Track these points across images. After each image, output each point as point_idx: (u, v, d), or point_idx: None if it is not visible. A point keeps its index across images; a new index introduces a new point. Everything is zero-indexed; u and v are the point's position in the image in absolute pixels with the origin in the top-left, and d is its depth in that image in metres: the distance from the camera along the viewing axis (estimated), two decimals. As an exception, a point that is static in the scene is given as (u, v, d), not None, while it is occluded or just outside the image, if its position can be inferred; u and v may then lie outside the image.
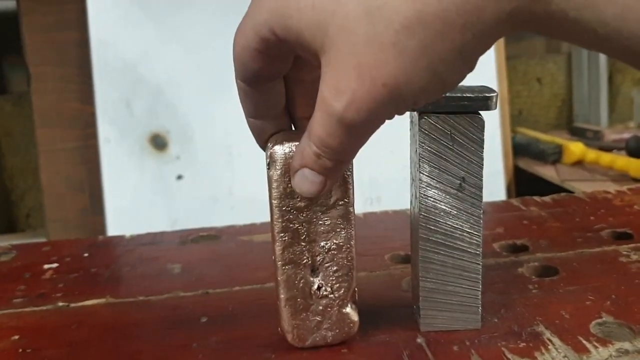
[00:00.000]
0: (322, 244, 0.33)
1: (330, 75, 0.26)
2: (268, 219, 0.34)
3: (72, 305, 0.41)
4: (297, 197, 0.32)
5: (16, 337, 0.37)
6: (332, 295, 0.33)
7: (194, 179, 1.22)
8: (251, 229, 0.54)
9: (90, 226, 1.22)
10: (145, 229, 0.59)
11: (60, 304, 0.42)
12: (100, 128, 1.20)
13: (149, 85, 1.21)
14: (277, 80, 0.32)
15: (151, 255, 0.50)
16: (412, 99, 0.26)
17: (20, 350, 0.36)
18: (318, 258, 0.33)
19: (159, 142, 1.21)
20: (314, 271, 0.33)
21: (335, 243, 0.33)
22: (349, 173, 0.32)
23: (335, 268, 0.33)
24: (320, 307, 0.33)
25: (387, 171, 1.22)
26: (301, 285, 0.33)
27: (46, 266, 0.48)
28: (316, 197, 0.31)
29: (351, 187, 0.33)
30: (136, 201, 1.20)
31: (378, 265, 0.45)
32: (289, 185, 0.31)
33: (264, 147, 0.33)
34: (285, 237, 0.33)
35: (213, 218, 1.13)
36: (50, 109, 1.21)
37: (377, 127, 0.28)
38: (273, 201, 0.32)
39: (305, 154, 0.29)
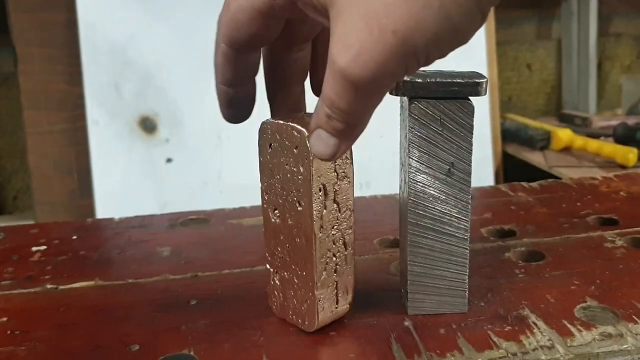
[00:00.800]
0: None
1: (338, 29, 0.25)
2: (257, 202, 0.34)
3: (61, 287, 0.41)
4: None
5: (4, 319, 0.37)
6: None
7: (183, 162, 1.21)
8: (240, 212, 0.54)
9: (78, 209, 1.21)
10: (134, 212, 0.59)
11: (49, 286, 0.42)
12: (89, 110, 1.19)
13: (137, 67, 1.20)
14: (259, 48, 0.31)
15: (140, 239, 0.50)
16: (424, 49, 0.24)
17: (9, 332, 0.36)
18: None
19: (148, 125, 1.20)
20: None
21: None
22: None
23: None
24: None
25: (376, 156, 1.22)
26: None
27: (34, 248, 0.48)
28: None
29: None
30: (125, 184, 1.19)
31: (367, 249, 0.45)
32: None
33: (228, 117, 0.33)
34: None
35: (202, 201, 1.13)
36: (38, 91, 1.20)
37: (388, 85, 0.26)
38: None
39: (319, 115, 0.27)
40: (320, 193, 0.32)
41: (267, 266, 0.36)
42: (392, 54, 0.24)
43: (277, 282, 0.35)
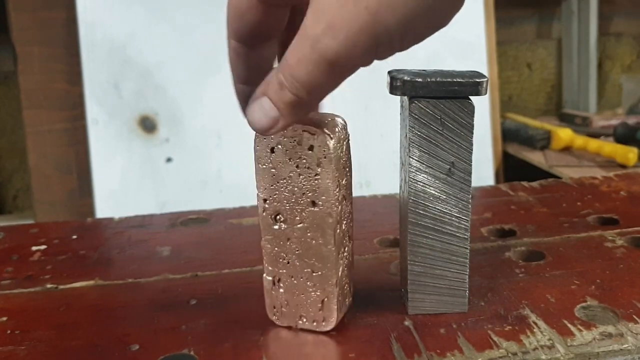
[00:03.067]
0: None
1: (315, 1, 0.25)
2: (257, 202, 0.34)
3: (61, 287, 0.41)
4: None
5: (4, 318, 0.37)
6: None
7: (183, 162, 1.21)
8: (240, 212, 0.54)
9: (78, 208, 1.21)
10: (134, 211, 0.58)
11: (49, 286, 0.42)
12: (89, 109, 1.19)
13: (137, 66, 1.19)
14: (271, 42, 0.30)
15: (140, 238, 0.50)
16: (397, 29, 0.24)
17: (9, 331, 0.36)
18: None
19: (147, 125, 1.20)
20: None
21: None
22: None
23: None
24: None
25: (376, 156, 1.22)
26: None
27: (34, 248, 0.48)
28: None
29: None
30: (125, 183, 1.19)
31: (367, 249, 0.45)
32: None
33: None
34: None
35: (202, 201, 1.13)
36: (38, 90, 1.20)
37: (355, 64, 0.25)
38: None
39: (270, 82, 0.27)
40: (337, 189, 0.32)
41: (267, 277, 0.35)
42: (364, 30, 0.24)
43: (281, 290, 0.34)
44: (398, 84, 0.32)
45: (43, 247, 0.48)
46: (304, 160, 0.31)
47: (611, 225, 0.48)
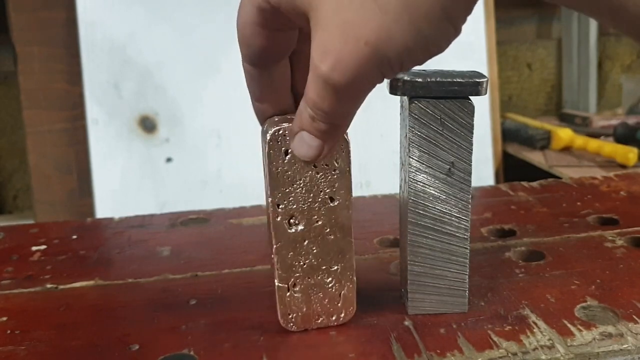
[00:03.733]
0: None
1: (317, 36, 0.26)
2: (257, 202, 0.34)
3: (61, 287, 0.41)
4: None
5: (4, 318, 0.37)
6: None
7: (183, 162, 1.21)
8: (240, 212, 0.54)
9: (78, 208, 1.21)
10: (134, 211, 0.58)
11: (49, 286, 0.42)
12: (89, 109, 1.19)
13: (137, 66, 1.19)
14: (283, 62, 0.31)
15: (140, 238, 0.50)
16: (397, 59, 0.26)
17: (9, 331, 0.36)
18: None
19: (147, 125, 1.20)
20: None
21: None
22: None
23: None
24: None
25: (376, 156, 1.22)
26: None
27: (34, 248, 0.48)
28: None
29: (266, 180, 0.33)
30: (125, 183, 1.19)
31: (367, 249, 0.45)
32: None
33: None
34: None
35: (202, 201, 1.13)
36: (37, 90, 1.20)
37: (366, 89, 0.27)
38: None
39: (302, 117, 0.29)
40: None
41: (280, 284, 0.34)
42: (366, 62, 0.25)
43: (296, 295, 0.34)
44: (398, 84, 0.32)
45: (43, 247, 0.48)
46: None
47: (611, 225, 0.48)
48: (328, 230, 0.33)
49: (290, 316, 0.34)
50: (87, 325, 0.36)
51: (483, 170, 1.33)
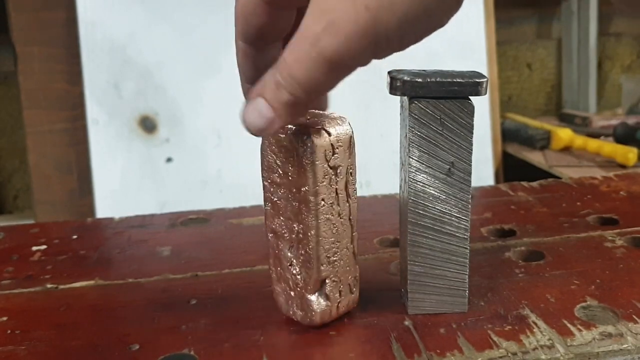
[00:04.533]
0: (293, 225, 0.33)
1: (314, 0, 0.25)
2: (257, 202, 0.34)
3: (61, 287, 0.41)
4: (275, 173, 0.32)
5: (4, 318, 0.37)
6: (298, 277, 0.33)
7: (183, 162, 1.21)
8: (240, 212, 0.54)
9: (78, 208, 1.21)
10: (134, 211, 0.58)
11: (49, 285, 0.42)
12: (89, 109, 1.19)
13: (137, 66, 1.20)
14: (276, 44, 0.31)
15: (140, 238, 0.50)
16: (396, 29, 0.24)
17: (9, 331, 0.36)
18: (293, 237, 0.33)
19: (148, 125, 1.20)
20: (290, 248, 0.33)
21: (301, 228, 0.32)
22: (309, 161, 0.31)
23: (302, 252, 0.33)
24: (292, 284, 0.34)
25: (376, 156, 1.22)
26: (281, 255, 0.34)
27: (34, 248, 0.48)
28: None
29: (312, 176, 0.31)
30: (125, 183, 1.19)
31: (367, 248, 0.45)
32: (267, 158, 0.32)
33: None
34: (267, 206, 0.34)
35: (202, 201, 1.13)
36: (38, 90, 1.20)
37: (350, 66, 0.26)
38: (261, 170, 0.33)
39: (266, 82, 0.27)
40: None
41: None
42: (364, 28, 0.24)
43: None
44: (398, 84, 0.32)
45: (43, 247, 0.48)
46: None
47: (611, 225, 0.48)
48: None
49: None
50: (87, 325, 0.36)
51: (483, 170, 1.33)
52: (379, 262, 0.43)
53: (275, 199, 0.33)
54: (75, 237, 0.50)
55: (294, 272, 0.34)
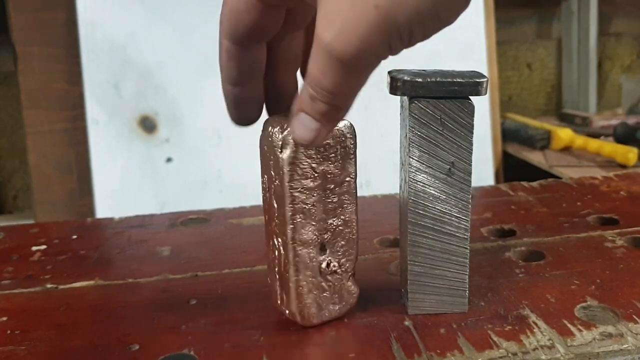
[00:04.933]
0: (329, 221, 0.33)
1: (323, 4, 0.25)
2: (257, 202, 0.34)
3: (61, 287, 0.41)
4: (309, 178, 0.32)
5: (4, 318, 0.37)
6: (339, 270, 0.34)
7: (183, 162, 1.21)
8: (240, 212, 0.54)
9: (78, 208, 1.21)
10: (134, 211, 0.58)
11: (49, 286, 0.42)
12: (89, 109, 1.19)
13: (137, 66, 1.19)
14: (262, 45, 0.31)
15: (140, 238, 0.50)
16: (406, 26, 0.24)
17: (9, 331, 0.36)
18: (326, 236, 0.33)
19: (148, 125, 1.20)
20: (322, 249, 0.34)
21: (342, 219, 0.34)
22: (352, 148, 0.33)
23: (342, 243, 0.34)
24: (329, 283, 0.34)
25: (376, 156, 1.22)
26: (312, 264, 0.34)
27: (34, 248, 0.48)
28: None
29: (354, 162, 0.33)
30: (125, 183, 1.19)
31: (367, 248, 0.45)
32: (300, 166, 0.32)
33: (236, 118, 0.33)
34: (297, 218, 0.33)
35: (202, 201, 1.13)
36: (38, 90, 1.20)
37: (372, 63, 0.26)
38: (285, 184, 0.32)
39: (302, 97, 0.27)
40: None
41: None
42: (375, 29, 0.24)
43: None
44: (398, 84, 0.32)
45: (43, 247, 0.48)
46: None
47: (611, 225, 0.48)
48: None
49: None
50: (87, 325, 0.36)
51: (483, 170, 1.33)
52: (379, 262, 0.43)
53: (309, 206, 0.33)
54: (75, 237, 0.50)
55: (334, 268, 0.34)
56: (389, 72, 0.32)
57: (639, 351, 0.32)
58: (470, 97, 0.33)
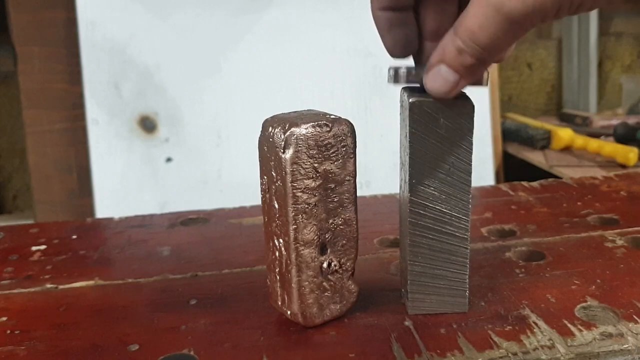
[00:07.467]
0: (330, 221, 0.33)
1: None
2: (257, 202, 0.34)
3: (61, 287, 0.41)
4: (311, 178, 0.32)
5: (4, 318, 0.37)
6: (340, 269, 0.34)
7: (183, 162, 1.21)
8: (240, 212, 0.54)
9: (78, 208, 1.21)
10: (134, 211, 0.58)
11: (49, 285, 0.42)
12: (89, 109, 1.18)
13: (137, 66, 1.19)
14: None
15: (140, 238, 0.50)
16: None
17: (9, 331, 0.36)
18: (327, 235, 0.34)
19: (147, 124, 1.20)
20: (324, 249, 0.34)
21: (343, 218, 0.34)
22: (352, 148, 0.33)
23: (343, 242, 0.34)
24: (330, 283, 0.34)
25: (376, 156, 1.22)
26: (314, 264, 0.33)
27: (34, 248, 0.48)
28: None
29: (354, 161, 0.34)
30: (125, 183, 1.19)
31: (367, 249, 0.45)
32: (302, 166, 0.32)
33: (391, 44, 0.33)
34: (299, 218, 0.33)
35: (202, 201, 1.13)
36: (38, 90, 1.20)
37: (533, 24, 0.26)
38: (288, 184, 0.32)
39: (446, 50, 0.28)
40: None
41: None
42: None
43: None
44: (402, 71, 0.32)
45: (43, 247, 0.48)
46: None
47: (611, 225, 0.48)
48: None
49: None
50: (87, 325, 0.36)
51: (483, 170, 1.32)
52: (379, 262, 0.43)
53: (311, 206, 0.33)
54: (75, 237, 0.50)
55: (335, 267, 0.34)
56: (390, 67, 0.33)
57: (639, 351, 0.32)
58: (470, 96, 0.33)
